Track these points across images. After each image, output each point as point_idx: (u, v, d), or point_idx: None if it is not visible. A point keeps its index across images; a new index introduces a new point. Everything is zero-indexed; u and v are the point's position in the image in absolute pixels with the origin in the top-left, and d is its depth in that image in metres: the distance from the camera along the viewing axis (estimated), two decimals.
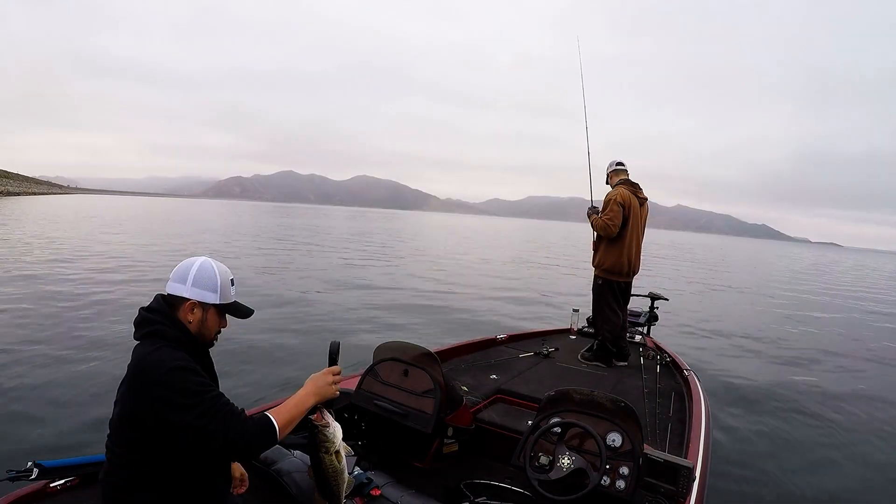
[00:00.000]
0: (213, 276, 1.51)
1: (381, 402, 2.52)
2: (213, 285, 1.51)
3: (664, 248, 45.30)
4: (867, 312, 14.30)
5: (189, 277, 1.49)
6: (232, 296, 1.57)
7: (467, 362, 3.77)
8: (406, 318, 8.30)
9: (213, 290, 1.51)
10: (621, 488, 1.97)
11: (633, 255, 4.13)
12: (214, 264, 1.54)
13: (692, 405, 3.04)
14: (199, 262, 1.52)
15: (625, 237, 4.04)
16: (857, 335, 10.38)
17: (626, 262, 4.10)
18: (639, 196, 4.13)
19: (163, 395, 1.32)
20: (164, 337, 1.43)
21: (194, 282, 1.49)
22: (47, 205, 44.63)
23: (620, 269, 4.10)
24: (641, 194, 4.14)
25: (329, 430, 1.46)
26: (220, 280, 1.52)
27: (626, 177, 4.19)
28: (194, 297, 1.49)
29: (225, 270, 1.56)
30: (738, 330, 9.64)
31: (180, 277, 1.50)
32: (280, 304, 8.51)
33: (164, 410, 1.31)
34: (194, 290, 1.49)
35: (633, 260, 4.16)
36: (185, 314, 1.49)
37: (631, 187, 4.11)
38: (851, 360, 7.91)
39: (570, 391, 2.27)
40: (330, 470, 1.47)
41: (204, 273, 1.50)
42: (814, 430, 4.73)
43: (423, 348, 2.65)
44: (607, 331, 4.12)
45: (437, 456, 2.61)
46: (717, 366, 6.74)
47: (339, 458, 1.48)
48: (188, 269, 1.50)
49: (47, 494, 1.74)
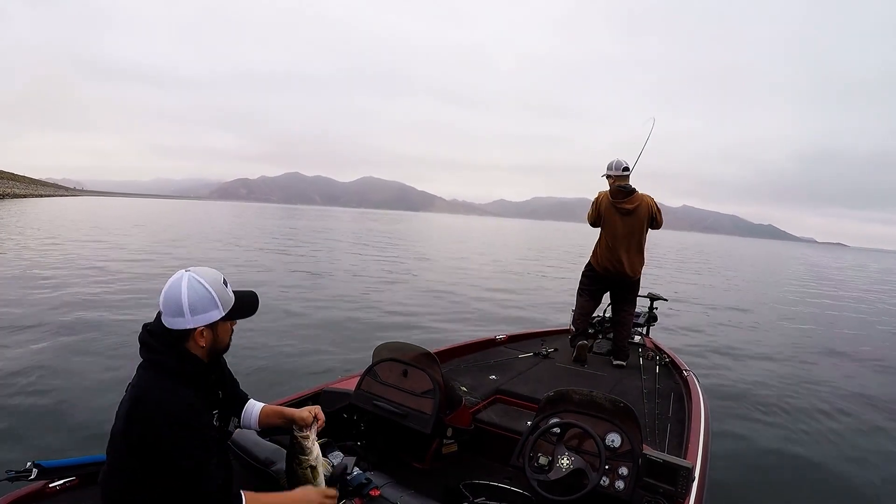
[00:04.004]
0: (207, 292, 1.38)
1: (381, 403, 2.52)
2: (212, 302, 1.39)
3: (667, 249, 45.15)
4: (869, 313, 14.22)
5: (184, 307, 1.35)
6: (231, 297, 1.45)
7: (466, 363, 3.77)
8: (405, 317, 8.32)
9: (214, 307, 1.39)
10: (620, 489, 1.96)
11: (604, 253, 4.29)
12: (200, 277, 1.39)
13: (691, 405, 3.03)
14: (184, 284, 1.36)
15: (602, 236, 4.34)
16: (859, 336, 10.32)
17: (599, 257, 4.35)
18: (616, 205, 4.19)
19: (159, 444, 1.29)
20: (168, 372, 1.36)
21: (192, 309, 1.36)
22: (62, 207, 44.85)
23: (596, 261, 4.40)
24: (622, 204, 4.17)
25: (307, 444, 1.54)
26: (215, 292, 1.40)
27: (613, 182, 4.25)
28: (200, 325, 1.38)
29: (214, 278, 1.42)
30: (738, 330, 9.62)
31: (174, 310, 1.36)
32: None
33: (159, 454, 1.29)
34: (196, 317, 1.37)
35: (603, 258, 4.29)
36: (195, 343, 1.39)
37: (614, 193, 4.24)
38: (853, 361, 7.87)
39: (570, 391, 2.27)
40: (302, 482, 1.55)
41: (196, 294, 1.36)
42: (814, 430, 4.71)
43: (422, 349, 2.65)
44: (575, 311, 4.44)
45: (436, 456, 2.61)
46: (716, 366, 6.72)
47: (313, 474, 1.55)
48: (178, 297, 1.35)
49: (47, 495, 1.74)
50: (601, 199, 4.32)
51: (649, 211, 4.22)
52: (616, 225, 4.22)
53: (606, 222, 4.28)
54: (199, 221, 37.85)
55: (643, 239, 4.28)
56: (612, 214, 4.24)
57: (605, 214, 4.28)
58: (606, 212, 4.27)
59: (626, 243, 4.22)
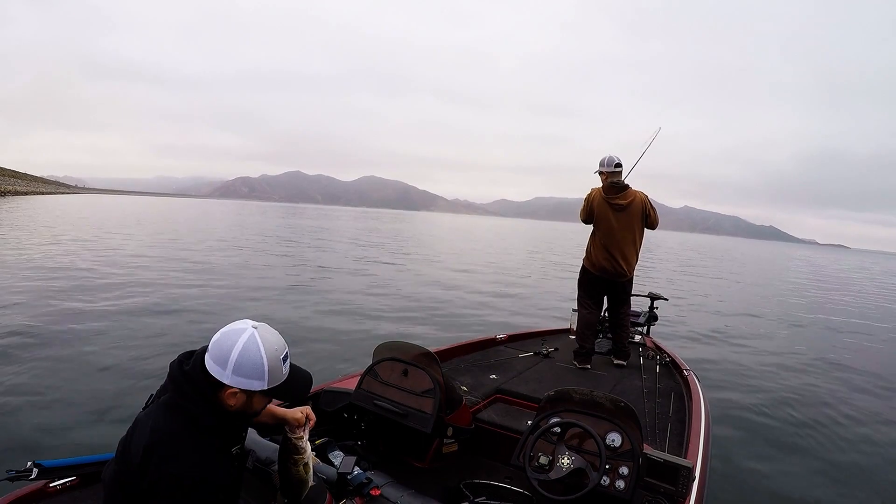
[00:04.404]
0: (259, 362, 1.25)
1: (381, 402, 2.52)
2: (260, 372, 1.26)
3: (668, 249, 45.11)
4: (870, 315, 14.21)
5: (230, 363, 1.24)
6: (283, 374, 1.32)
7: (467, 362, 3.76)
8: (406, 317, 8.32)
9: (259, 378, 1.26)
10: (621, 488, 1.96)
11: (598, 252, 4.16)
12: (261, 342, 1.26)
13: (692, 405, 3.03)
14: (243, 340, 1.25)
15: (595, 234, 4.21)
16: (861, 336, 10.30)
17: (593, 257, 4.21)
18: (609, 201, 4.06)
19: (169, 499, 1.21)
20: (192, 421, 1.26)
21: (235, 369, 1.24)
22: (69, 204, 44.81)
23: (590, 261, 4.25)
24: (615, 200, 4.05)
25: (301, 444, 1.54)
26: (268, 365, 1.26)
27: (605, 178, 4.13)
28: (236, 386, 1.26)
29: (275, 348, 1.28)
30: (739, 330, 9.61)
31: (220, 359, 1.25)
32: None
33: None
34: (236, 378, 1.25)
35: (598, 257, 4.16)
36: (227, 398, 1.28)
37: (606, 189, 4.11)
38: (853, 362, 7.85)
39: (570, 391, 2.26)
40: (296, 479, 1.55)
41: (247, 358, 1.24)
42: (813, 430, 4.71)
43: (422, 348, 2.65)
44: (578, 324, 4.24)
45: (436, 456, 2.61)
46: (717, 366, 6.72)
47: (306, 470, 1.55)
48: (229, 350, 1.24)
49: (47, 494, 1.73)
50: (593, 196, 4.17)
51: (643, 207, 4.09)
52: (609, 221, 4.09)
53: (599, 219, 4.15)
54: (212, 218, 37.85)
55: (637, 236, 4.14)
56: (604, 211, 4.11)
57: (597, 211, 4.15)
58: (599, 208, 4.13)
59: (620, 240, 4.09)
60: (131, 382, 4.49)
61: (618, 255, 4.10)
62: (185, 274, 10.97)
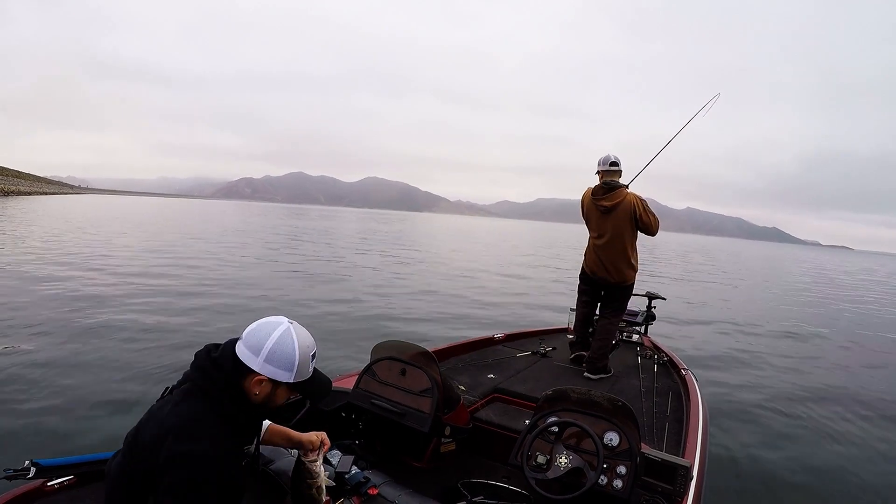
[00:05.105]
0: (292, 354, 1.33)
1: (379, 402, 2.52)
2: (290, 364, 1.33)
3: (669, 250, 45.05)
4: (870, 315, 14.16)
5: (263, 350, 1.31)
6: (309, 372, 1.40)
7: (465, 361, 3.76)
8: (404, 316, 8.33)
9: (288, 370, 1.33)
10: (619, 487, 1.96)
11: (589, 255, 3.97)
12: (296, 337, 1.35)
13: (690, 404, 3.03)
14: (279, 331, 1.33)
15: (589, 237, 4.01)
16: (859, 338, 10.27)
17: (586, 259, 4.03)
18: (595, 202, 3.83)
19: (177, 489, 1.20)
20: (214, 406, 1.29)
21: (268, 357, 1.31)
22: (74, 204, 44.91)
23: (585, 263, 4.08)
24: (600, 201, 3.79)
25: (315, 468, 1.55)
26: (299, 359, 1.34)
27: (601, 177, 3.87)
28: (265, 374, 1.32)
29: (307, 345, 1.37)
30: (737, 330, 9.59)
31: (254, 346, 1.32)
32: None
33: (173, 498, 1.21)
34: (266, 366, 1.31)
35: (589, 260, 3.98)
36: (252, 386, 1.33)
37: (594, 191, 3.87)
38: (852, 362, 7.84)
39: (568, 390, 2.26)
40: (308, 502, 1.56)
41: (281, 348, 1.32)
42: (812, 430, 4.70)
43: (420, 347, 2.65)
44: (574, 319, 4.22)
45: (434, 455, 2.61)
46: (714, 365, 6.70)
47: (318, 493, 1.56)
48: (265, 338, 1.32)
49: (45, 493, 1.73)
50: (584, 197, 3.98)
51: (631, 210, 3.70)
52: (596, 224, 3.88)
53: (589, 221, 3.95)
54: (216, 219, 37.94)
55: (627, 242, 3.79)
56: (592, 212, 3.88)
57: (586, 212, 3.95)
58: (588, 209, 3.91)
59: (606, 245, 3.82)
60: (132, 382, 4.50)
61: (605, 261, 3.86)
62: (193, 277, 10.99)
